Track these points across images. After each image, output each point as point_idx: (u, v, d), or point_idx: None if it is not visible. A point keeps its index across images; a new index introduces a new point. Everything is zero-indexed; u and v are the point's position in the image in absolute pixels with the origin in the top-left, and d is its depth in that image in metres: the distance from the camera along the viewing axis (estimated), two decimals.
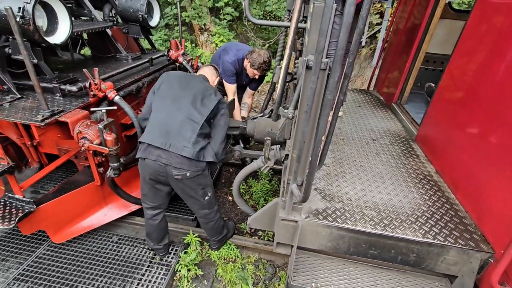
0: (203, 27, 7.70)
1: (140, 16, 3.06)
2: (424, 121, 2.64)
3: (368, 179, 2.07)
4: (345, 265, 1.79)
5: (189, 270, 2.47)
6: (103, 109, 1.89)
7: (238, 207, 3.55)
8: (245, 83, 3.45)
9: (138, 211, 2.77)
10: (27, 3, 1.75)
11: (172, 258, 2.58)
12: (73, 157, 2.59)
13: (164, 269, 2.46)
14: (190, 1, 7.42)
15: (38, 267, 2.41)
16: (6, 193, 2.15)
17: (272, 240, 2.82)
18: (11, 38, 1.95)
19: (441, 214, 1.79)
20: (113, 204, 2.80)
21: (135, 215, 2.89)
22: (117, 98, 2.23)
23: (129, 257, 2.59)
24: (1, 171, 1.92)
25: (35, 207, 2.16)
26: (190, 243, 2.66)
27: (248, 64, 3.08)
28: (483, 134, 1.77)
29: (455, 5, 6.13)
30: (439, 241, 1.58)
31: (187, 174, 1.88)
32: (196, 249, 2.64)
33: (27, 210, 2.10)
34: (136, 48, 3.63)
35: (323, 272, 1.72)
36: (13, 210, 2.11)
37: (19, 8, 1.74)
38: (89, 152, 2.15)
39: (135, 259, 2.57)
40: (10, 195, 2.14)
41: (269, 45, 7.59)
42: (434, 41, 3.28)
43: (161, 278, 2.38)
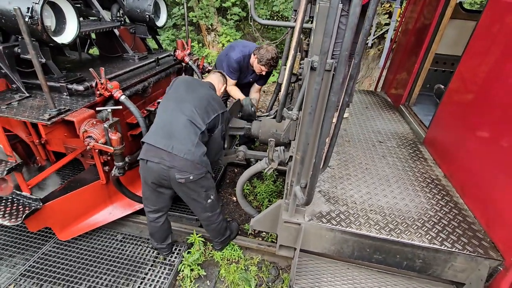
0: (210, 27, 7.73)
1: (147, 16, 3.08)
2: (432, 124, 2.58)
3: (373, 182, 2.03)
4: (349, 269, 1.76)
5: (192, 270, 2.47)
6: (109, 109, 1.90)
7: (242, 208, 3.55)
8: (252, 80, 3.44)
9: (142, 210, 2.79)
10: (36, 3, 1.78)
11: (175, 258, 2.59)
12: (80, 155, 2.61)
13: (167, 269, 2.47)
14: (197, 1, 7.46)
15: (44, 264, 2.45)
16: (14, 190, 2.18)
17: (275, 241, 2.80)
18: (20, 37, 1.98)
19: (448, 219, 1.74)
20: (118, 202, 2.82)
21: (139, 214, 2.91)
22: (123, 97, 2.25)
23: (133, 256, 2.60)
24: (8, 168, 1.95)
25: (41, 204, 2.20)
26: (193, 243, 2.66)
27: (255, 60, 3.07)
28: (494, 137, 1.72)
29: (467, 5, 6.00)
30: (446, 247, 1.54)
31: (190, 177, 1.87)
32: (199, 249, 2.64)
33: (33, 207, 2.14)
34: (143, 48, 3.66)
35: (326, 276, 1.70)
36: (20, 207, 2.14)
37: (28, 8, 1.76)
38: (95, 151, 2.17)
39: (138, 258, 2.58)
40: (17, 192, 2.18)
41: (276, 46, 7.57)
42: (444, 41, 3.21)
43: (164, 277, 2.38)
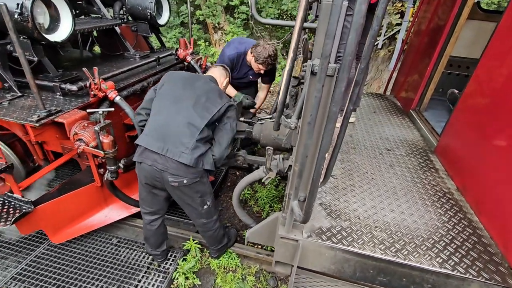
0: (217, 25, 7.63)
1: (148, 14, 2.99)
2: (445, 131, 2.42)
3: (380, 195, 1.89)
4: None
5: (187, 278, 2.38)
6: (100, 111, 1.81)
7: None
8: (252, 78, 3.29)
9: (139, 213, 2.71)
10: None
11: (170, 264, 2.50)
12: (76, 156, 2.55)
13: (161, 276, 2.38)
14: None
15: (36, 267, 2.39)
16: (5, 192, 2.12)
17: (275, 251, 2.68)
18: None
19: (462, 239, 1.59)
20: (114, 205, 2.75)
21: (136, 217, 2.83)
22: (117, 98, 2.16)
23: (127, 261, 2.53)
24: None
25: (32, 207, 2.13)
26: (189, 249, 2.57)
27: (252, 58, 2.93)
28: None
29: (484, 5, 5.73)
30: (459, 273, 1.40)
31: (184, 181, 1.78)
32: (196, 255, 2.55)
33: (24, 210, 2.07)
34: (146, 46, 3.58)
35: None
36: (10, 209, 2.08)
37: (18, 4, 1.69)
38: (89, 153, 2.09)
39: (133, 263, 2.51)
40: (9, 194, 2.12)
41: (283, 45, 7.42)
42: (459, 43, 3.02)
43: (157, 285, 2.30)
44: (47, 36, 1.91)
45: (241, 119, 2.64)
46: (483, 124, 1.90)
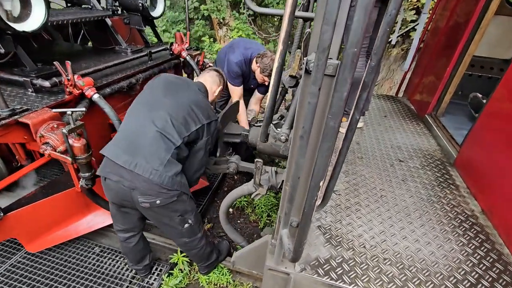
0: (222, 21, 7.38)
1: (140, 4, 2.76)
2: (467, 141, 2.12)
3: (390, 217, 1.61)
4: None
5: None
6: (69, 111, 1.59)
7: (238, 221, 3.20)
8: (253, 86, 3.04)
9: None
10: None
11: (155, 279, 2.28)
12: None
13: None
14: None
15: (10, 278, 2.21)
16: None
17: None
18: None
19: (491, 279, 1.30)
20: (98, 211, 2.54)
21: None
22: (96, 96, 1.94)
23: (109, 273, 2.32)
24: None
25: (1, 214, 1.93)
26: (177, 263, 2.34)
27: (258, 69, 2.68)
28: None
29: None
30: None
31: (157, 201, 1.52)
32: (184, 269, 2.32)
33: None
34: (140, 40, 3.36)
35: None
36: None
37: None
38: None
39: (115, 276, 2.30)
40: None
41: (290, 42, 7.11)
42: (483, 41, 2.70)
43: None
44: (14, 25, 1.69)
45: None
46: None
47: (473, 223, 1.62)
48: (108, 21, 2.95)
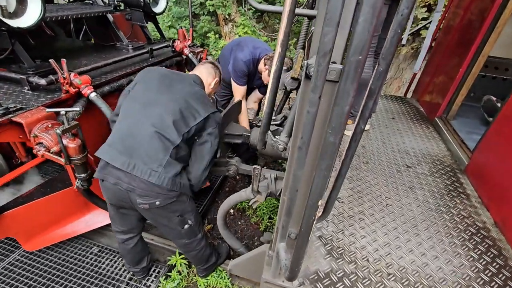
0: (227, 17, 7.27)
1: (141, 0, 2.70)
2: (480, 146, 2.01)
3: (395, 227, 1.52)
4: None
5: None
6: (62, 110, 1.54)
7: (238, 222, 3.15)
8: (255, 86, 2.96)
9: None
10: None
11: (152, 281, 2.24)
12: None
13: None
14: None
15: (8, 276, 2.20)
16: None
17: None
18: None
19: None
20: (97, 210, 2.51)
21: None
22: (93, 95, 1.89)
23: (106, 274, 2.29)
24: None
25: None
26: (175, 265, 2.30)
27: (266, 71, 2.59)
28: None
29: None
30: None
31: (156, 202, 1.48)
32: (182, 271, 2.28)
33: None
34: (143, 37, 3.30)
35: None
36: None
37: None
38: None
39: (112, 277, 2.27)
40: None
41: (296, 40, 6.98)
42: (499, 42, 2.56)
43: None
44: (9, 21, 1.64)
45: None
46: None
47: (485, 236, 1.53)
48: (109, 17, 2.90)
